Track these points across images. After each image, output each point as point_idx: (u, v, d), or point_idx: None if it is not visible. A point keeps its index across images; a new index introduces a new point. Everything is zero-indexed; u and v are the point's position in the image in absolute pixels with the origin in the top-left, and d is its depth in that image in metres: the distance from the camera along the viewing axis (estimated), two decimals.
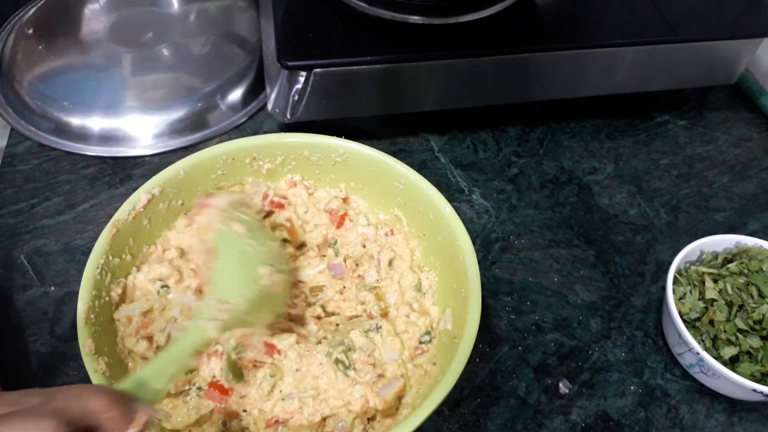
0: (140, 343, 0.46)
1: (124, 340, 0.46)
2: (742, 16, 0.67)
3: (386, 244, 0.54)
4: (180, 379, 0.46)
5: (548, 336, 0.56)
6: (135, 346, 0.46)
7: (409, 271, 0.53)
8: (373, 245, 0.54)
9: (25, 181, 0.63)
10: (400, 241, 0.55)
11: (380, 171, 0.54)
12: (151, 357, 0.46)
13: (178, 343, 0.41)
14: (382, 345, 0.48)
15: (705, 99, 0.77)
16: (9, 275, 0.56)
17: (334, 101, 0.62)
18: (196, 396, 0.45)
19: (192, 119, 0.67)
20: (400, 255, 0.54)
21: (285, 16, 0.62)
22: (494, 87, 0.66)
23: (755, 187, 0.68)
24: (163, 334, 0.46)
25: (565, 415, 0.51)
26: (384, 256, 0.53)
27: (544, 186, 0.67)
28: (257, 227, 0.49)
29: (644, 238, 0.63)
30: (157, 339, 0.46)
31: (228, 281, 0.44)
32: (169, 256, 0.51)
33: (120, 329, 0.47)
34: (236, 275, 0.45)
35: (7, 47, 0.72)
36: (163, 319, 0.47)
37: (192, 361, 0.42)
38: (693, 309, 0.52)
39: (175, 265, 0.50)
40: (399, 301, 0.51)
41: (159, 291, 0.48)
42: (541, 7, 0.67)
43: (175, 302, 0.48)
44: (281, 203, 0.55)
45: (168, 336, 0.46)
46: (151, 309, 0.48)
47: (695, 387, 0.53)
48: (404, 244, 0.54)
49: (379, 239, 0.54)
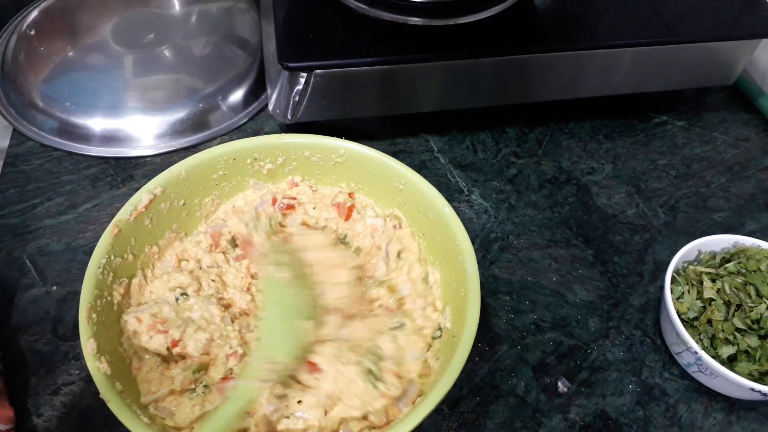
0: (154, 338, 0.46)
1: (131, 340, 0.46)
2: (740, 16, 0.67)
3: (394, 236, 0.54)
4: (189, 378, 0.46)
5: (547, 335, 0.56)
6: (148, 343, 0.46)
7: (417, 263, 0.53)
8: (382, 236, 0.54)
9: (27, 181, 0.63)
10: (407, 234, 0.55)
11: (380, 171, 0.54)
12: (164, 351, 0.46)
13: (231, 405, 0.42)
14: (406, 345, 0.48)
15: (703, 100, 0.77)
16: (11, 275, 0.57)
17: (334, 102, 0.63)
18: (202, 393, 0.45)
19: (193, 120, 0.68)
20: (408, 247, 0.54)
21: (286, 18, 0.62)
22: (493, 88, 0.66)
23: (753, 188, 0.68)
24: (179, 330, 0.47)
25: (564, 413, 0.52)
26: (393, 248, 0.53)
27: (542, 186, 0.67)
28: (297, 270, 0.50)
29: (642, 238, 0.63)
30: (172, 333, 0.46)
31: (276, 338, 0.46)
32: (189, 267, 0.51)
33: (128, 329, 0.47)
34: (284, 332, 0.46)
35: (9, 48, 0.72)
36: (179, 318, 0.48)
37: (241, 422, 0.43)
38: (691, 308, 0.52)
39: (195, 275, 0.51)
40: (413, 293, 0.51)
41: (178, 299, 0.49)
42: (540, 9, 0.67)
43: (197, 306, 0.49)
44: (291, 204, 0.55)
45: (183, 332, 0.47)
46: (161, 312, 0.48)
47: (693, 386, 0.54)
48: (411, 238, 0.54)
49: (388, 231, 0.54)
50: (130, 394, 0.43)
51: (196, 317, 0.48)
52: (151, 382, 0.45)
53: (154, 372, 0.46)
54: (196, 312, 0.48)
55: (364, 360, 0.46)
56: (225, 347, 0.47)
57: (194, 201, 0.54)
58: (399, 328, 0.48)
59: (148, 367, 0.46)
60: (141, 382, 0.45)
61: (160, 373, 0.46)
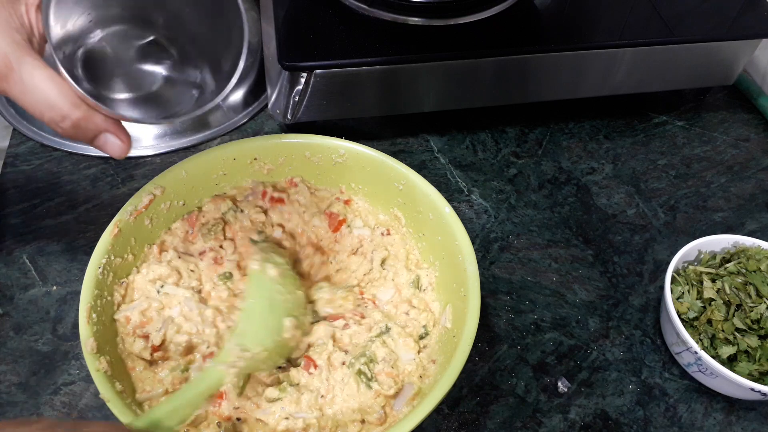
0: (137, 342, 0.46)
1: (123, 341, 0.47)
2: (740, 17, 0.67)
3: (381, 243, 0.55)
4: (178, 378, 0.46)
5: (547, 335, 0.56)
6: (132, 346, 0.46)
7: (404, 269, 0.53)
8: (369, 245, 0.55)
9: (27, 181, 0.63)
10: (396, 240, 0.55)
11: (380, 171, 0.54)
12: (146, 356, 0.46)
13: (195, 385, 0.42)
14: (395, 347, 0.48)
15: (703, 100, 0.77)
16: (11, 275, 0.57)
17: (334, 102, 0.63)
18: None
19: (193, 120, 0.68)
20: (394, 255, 0.54)
21: (286, 18, 0.62)
22: (493, 88, 0.66)
23: (753, 188, 0.68)
24: (159, 334, 0.47)
25: (564, 413, 0.52)
26: (377, 255, 0.54)
27: (542, 186, 0.67)
28: (289, 273, 0.50)
29: (642, 238, 0.63)
30: (153, 338, 0.47)
31: (253, 328, 0.45)
32: (168, 258, 0.51)
33: (120, 330, 0.47)
34: (261, 323, 0.46)
35: None
36: (160, 318, 0.48)
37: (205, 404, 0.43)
38: (691, 308, 0.52)
39: (173, 265, 0.50)
40: (397, 298, 0.52)
41: (159, 291, 0.49)
42: (540, 9, 0.67)
43: (175, 300, 0.48)
44: (281, 198, 0.55)
45: (164, 335, 0.47)
46: (149, 308, 0.48)
47: (693, 386, 0.54)
48: (400, 244, 0.55)
49: (375, 239, 0.55)
50: (129, 393, 0.43)
51: (175, 314, 0.48)
52: (145, 381, 0.46)
53: (147, 371, 0.46)
54: (175, 308, 0.48)
55: (355, 362, 0.46)
56: (203, 347, 0.47)
57: (194, 201, 0.54)
58: (386, 332, 0.48)
59: (141, 366, 0.46)
60: (136, 381, 0.46)
61: (152, 373, 0.46)
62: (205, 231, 0.53)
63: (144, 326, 0.47)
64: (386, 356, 0.47)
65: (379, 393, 0.45)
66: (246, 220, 0.54)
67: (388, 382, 0.46)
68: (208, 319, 0.48)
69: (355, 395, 0.45)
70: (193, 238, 0.53)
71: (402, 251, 0.54)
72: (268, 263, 0.48)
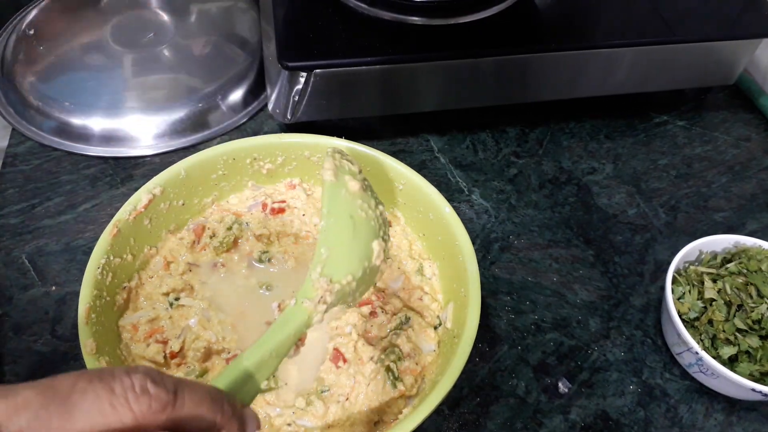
0: (152, 347, 0.46)
1: (129, 347, 0.46)
2: (741, 16, 0.67)
3: None
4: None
5: (547, 335, 0.56)
6: (145, 351, 0.46)
7: (409, 258, 0.53)
8: None
9: (26, 181, 0.63)
10: (398, 232, 0.55)
11: (380, 171, 0.54)
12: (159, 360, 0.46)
13: (279, 329, 0.35)
14: (417, 339, 0.48)
15: (704, 99, 0.77)
16: (10, 275, 0.56)
17: (334, 102, 0.63)
18: None
19: (193, 120, 0.68)
20: (397, 245, 0.54)
21: (285, 17, 0.62)
22: (494, 88, 0.66)
23: (754, 188, 0.68)
24: (179, 341, 0.47)
25: (565, 414, 0.51)
26: None
27: (543, 186, 0.67)
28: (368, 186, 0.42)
29: (643, 238, 0.63)
30: (171, 344, 0.46)
31: (338, 253, 0.38)
32: (179, 271, 0.51)
33: (125, 336, 0.47)
34: (349, 249, 0.38)
35: (9, 48, 0.72)
36: (176, 327, 0.48)
37: (289, 350, 0.36)
38: (692, 309, 0.52)
39: (185, 279, 0.50)
40: (408, 285, 0.52)
41: (172, 303, 0.49)
42: (541, 8, 0.67)
43: (192, 312, 0.48)
44: (282, 208, 0.55)
45: (182, 342, 0.47)
46: (157, 317, 0.48)
47: (694, 386, 0.54)
48: (402, 236, 0.55)
49: None
50: None
51: (193, 324, 0.48)
52: None
53: None
54: (192, 319, 0.48)
55: (385, 358, 0.46)
56: (223, 354, 0.47)
57: (193, 201, 0.54)
58: (406, 323, 0.48)
59: None
60: None
61: None
62: (216, 244, 0.53)
63: (155, 333, 0.47)
64: (410, 351, 0.47)
65: (403, 393, 0.45)
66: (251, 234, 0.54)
67: (410, 381, 0.46)
68: (227, 327, 0.48)
69: (380, 394, 0.45)
70: (201, 250, 0.53)
71: (405, 242, 0.54)
72: (345, 174, 0.40)
